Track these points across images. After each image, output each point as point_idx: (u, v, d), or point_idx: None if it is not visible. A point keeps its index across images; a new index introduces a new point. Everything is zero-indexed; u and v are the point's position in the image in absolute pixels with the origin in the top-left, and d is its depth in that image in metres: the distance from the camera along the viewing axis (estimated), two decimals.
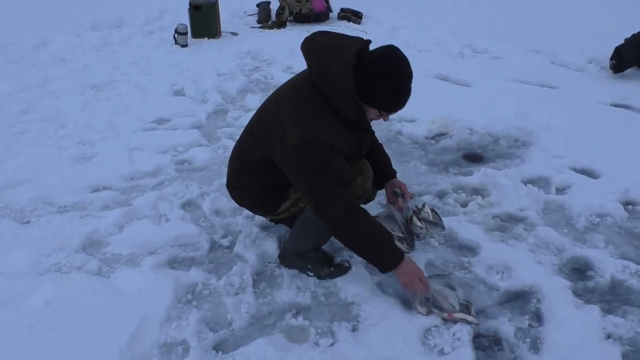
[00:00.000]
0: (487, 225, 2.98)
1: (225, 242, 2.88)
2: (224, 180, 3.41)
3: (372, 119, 2.33)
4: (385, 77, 2.13)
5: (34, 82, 5.10)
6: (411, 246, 2.66)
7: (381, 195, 2.88)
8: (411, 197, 2.69)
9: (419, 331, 2.28)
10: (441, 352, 2.19)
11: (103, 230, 2.95)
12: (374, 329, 2.29)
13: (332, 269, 2.61)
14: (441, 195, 3.28)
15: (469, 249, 2.80)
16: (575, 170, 3.47)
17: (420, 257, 2.70)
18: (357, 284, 2.53)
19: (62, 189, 3.32)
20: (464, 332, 2.26)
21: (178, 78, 5.27)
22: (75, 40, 6.46)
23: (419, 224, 2.63)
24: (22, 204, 3.19)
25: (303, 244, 2.62)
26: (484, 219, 3.02)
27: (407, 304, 2.43)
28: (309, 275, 2.61)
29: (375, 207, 2.99)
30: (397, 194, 2.68)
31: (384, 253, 2.30)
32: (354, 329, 2.31)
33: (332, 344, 2.23)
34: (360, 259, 2.48)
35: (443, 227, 2.72)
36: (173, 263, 2.73)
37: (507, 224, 2.99)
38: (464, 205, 3.17)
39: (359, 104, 2.21)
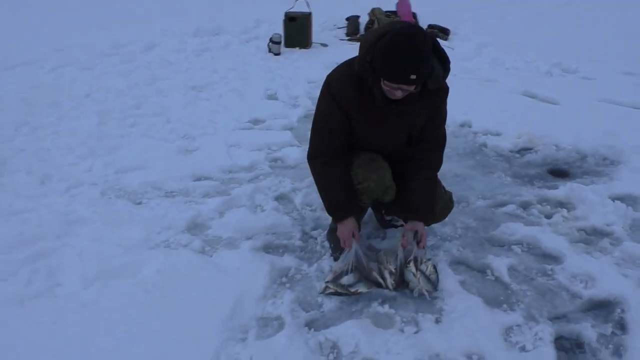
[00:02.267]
0: (572, 237, 3.02)
1: (315, 233, 3.09)
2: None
3: (388, 92, 2.26)
4: (386, 41, 2.14)
5: (144, 81, 5.60)
6: (397, 285, 2.57)
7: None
8: (423, 248, 2.63)
9: (500, 328, 2.38)
10: (523, 349, 2.28)
11: (205, 214, 3.23)
12: (457, 322, 2.40)
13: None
14: (525, 206, 3.34)
15: (553, 258, 2.86)
16: None
17: (502, 261, 2.80)
18: (442, 281, 2.65)
19: (169, 176, 3.66)
20: (546, 333, 2.34)
21: (271, 83, 5.61)
22: (179, 45, 6.99)
23: (413, 270, 2.54)
24: (134, 187, 3.54)
25: (332, 221, 2.85)
26: (569, 231, 3.06)
27: (490, 303, 2.53)
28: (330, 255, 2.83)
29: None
30: (413, 237, 2.60)
31: (326, 205, 2.61)
32: (437, 321, 2.44)
33: (416, 332, 2.37)
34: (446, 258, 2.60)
35: (435, 288, 2.57)
36: (268, 248, 2.96)
37: (592, 237, 3.02)
38: (548, 216, 3.22)
39: (369, 62, 2.23)
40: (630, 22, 8.08)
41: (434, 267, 2.61)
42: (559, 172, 3.77)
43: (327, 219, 3.18)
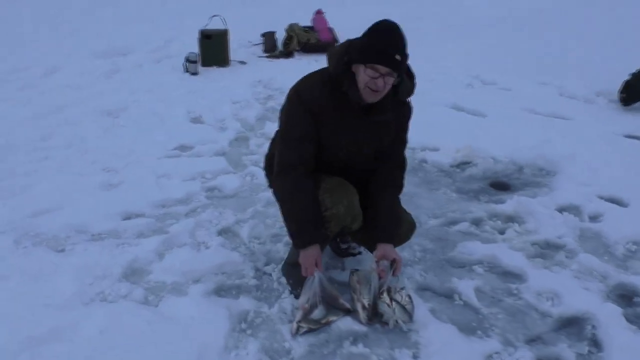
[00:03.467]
0: (528, 252, 3.00)
1: (269, 269, 2.85)
2: (258, 207, 3.46)
3: (365, 85, 2.21)
4: (365, 33, 2.23)
5: (49, 109, 5.07)
6: (370, 319, 2.42)
7: None
8: (397, 276, 2.49)
9: (481, 357, 2.28)
10: None
11: (143, 258, 2.90)
12: (437, 356, 2.27)
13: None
14: (477, 222, 3.30)
15: (515, 276, 2.82)
16: (603, 198, 3.55)
17: (467, 284, 2.72)
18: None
19: (93, 216, 3.27)
20: (528, 358, 2.27)
21: (194, 105, 5.29)
22: (84, 67, 6.46)
23: (387, 301, 2.40)
24: (54, 232, 3.12)
25: (289, 251, 2.70)
26: (524, 246, 3.05)
27: (465, 330, 2.43)
28: (290, 292, 2.64)
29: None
30: (389, 266, 2.42)
31: (292, 227, 2.38)
32: (415, 357, 2.29)
33: None
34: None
35: (411, 318, 2.43)
36: (220, 291, 2.68)
37: (547, 252, 3.02)
38: (501, 232, 3.20)
39: (346, 62, 2.26)
40: (543, 35, 8.55)
41: (409, 296, 2.46)
42: (501, 185, 3.80)
43: (280, 252, 2.97)
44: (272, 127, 4.66)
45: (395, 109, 2.40)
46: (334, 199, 2.35)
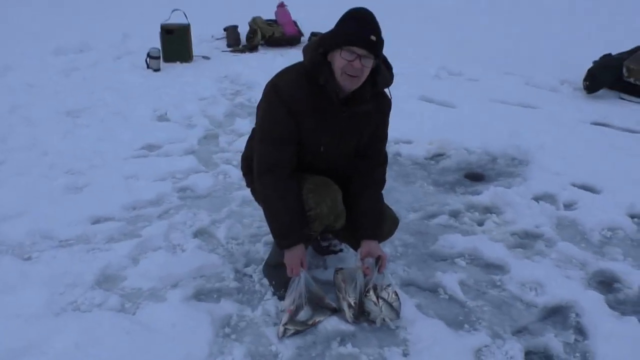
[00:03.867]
0: (508, 242, 3.01)
1: (249, 270, 2.77)
2: (233, 206, 3.36)
3: (342, 70, 2.14)
4: (340, 20, 2.20)
5: (3, 109, 4.82)
6: (357, 318, 2.36)
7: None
8: (382, 273, 2.42)
9: (471, 352, 2.26)
10: None
11: (116, 264, 2.77)
12: (427, 352, 2.24)
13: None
14: (455, 214, 3.30)
15: (497, 267, 2.82)
16: (576, 186, 3.60)
17: (451, 278, 2.70)
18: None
19: (59, 221, 3.11)
20: (516, 350, 2.26)
21: (159, 103, 5.12)
22: (40, 65, 6.18)
23: (374, 299, 2.35)
24: (19, 239, 2.95)
25: (270, 252, 2.65)
26: (503, 237, 3.06)
27: (452, 324, 2.41)
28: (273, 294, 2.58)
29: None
30: (374, 263, 2.38)
31: (275, 228, 2.32)
32: (405, 354, 2.25)
33: None
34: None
35: (398, 316, 2.38)
36: (200, 295, 2.59)
37: (526, 241, 3.04)
38: (480, 223, 3.20)
39: (321, 53, 2.21)
40: (506, 24, 8.64)
41: (395, 293, 2.42)
42: (475, 176, 3.81)
43: (259, 253, 2.89)
44: (242, 124, 4.63)
45: (375, 100, 2.34)
46: (317, 198, 2.29)
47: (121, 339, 2.25)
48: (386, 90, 2.39)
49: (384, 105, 2.45)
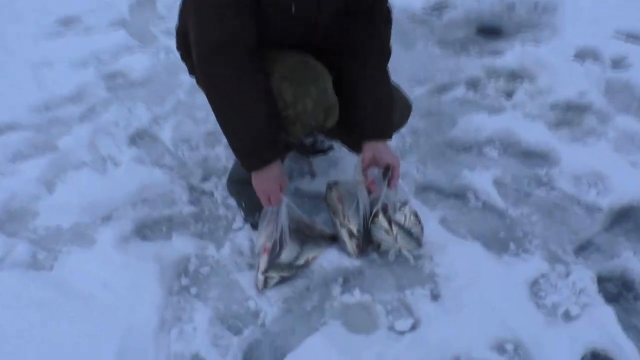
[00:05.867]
0: (548, 119, 2.30)
1: (209, 186, 2.04)
2: (180, 95, 2.54)
3: None
4: None
5: None
6: (361, 251, 1.71)
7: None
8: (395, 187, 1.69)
9: (523, 287, 1.63)
10: (567, 316, 1.55)
11: (24, 192, 2.00)
12: (465, 293, 1.60)
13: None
14: (474, 84, 2.54)
15: (540, 156, 2.12)
16: (622, 35, 2.80)
17: (481, 176, 2.01)
18: None
19: None
20: (586, 279, 1.64)
21: None
22: None
23: (385, 225, 1.66)
24: None
25: (234, 164, 1.88)
26: (541, 112, 2.34)
27: (492, 245, 1.78)
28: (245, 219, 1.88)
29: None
30: (383, 174, 1.67)
31: (237, 143, 1.53)
32: (434, 297, 1.62)
33: (413, 327, 1.53)
34: None
35: (419, 244, 1.73)
36: (143, 230, 1.87)
37: (570, 116, 2.33)
38: (509, 95, 2.46)
39: None
40: None
41: (415, 214, 1.71)
42: (490, 30, 2.98)
43: (220, 160, 2.15)
44: None
45: None
46: (297, 89, 1.49)
47: (32, 309, 1.55)
48: None
49: None
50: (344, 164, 2.06)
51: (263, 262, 1.64)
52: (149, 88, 2.61)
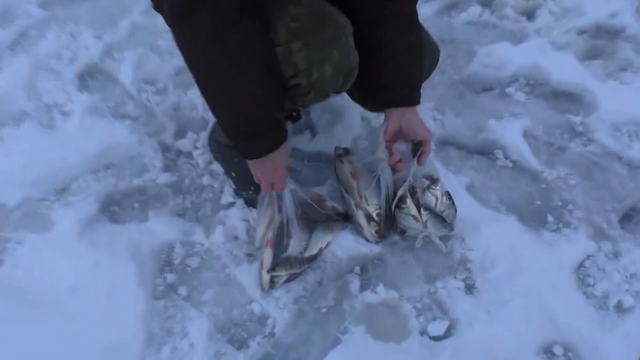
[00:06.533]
0: (577, 48, 1.98)
1: (186, 144, 1.68)
2: (136, 15, 2.06)
3: None
4: None
5: None
6: (381, 236, 1.44)
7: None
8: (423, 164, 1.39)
9: (569, 274, 1.42)
10: (619, 309, 1.37)
11: None
12: (504, 285, 1.38)
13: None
14: (488, 3, 2.14)
15: (572, 98, 1.84)
16: None
17: (508, 126, 1.72)
18: None
19: None
20: (638, 261, 1.44)
21: None
22: None
23: (413, 211, 1.39)
24: None
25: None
26: (569, 40, 2.01)
27: (529, 219, 1.54)
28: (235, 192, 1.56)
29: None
30: (412, 151, 1.35)
31: (232, 123, 1.17)
32: (469, 289, 1.39)
33: (448, 331, 1.32)
34: None
35: (452, 228, 1.45)
36: (111, 207, 1.53)
37: (602, 43, 2.01)
38: (530, 17, 2.10)
39: None
40: None
41: (448, 194, 1.43)
42: None
43: (197, 108, 1.77)
44: None
45: None
46: (312, 51, 1.10)
47: None
48: None
49: None
50: (350, 115, 1.72)
51: (267, 257, 1.35)
52: (94, 4, 2.10)
